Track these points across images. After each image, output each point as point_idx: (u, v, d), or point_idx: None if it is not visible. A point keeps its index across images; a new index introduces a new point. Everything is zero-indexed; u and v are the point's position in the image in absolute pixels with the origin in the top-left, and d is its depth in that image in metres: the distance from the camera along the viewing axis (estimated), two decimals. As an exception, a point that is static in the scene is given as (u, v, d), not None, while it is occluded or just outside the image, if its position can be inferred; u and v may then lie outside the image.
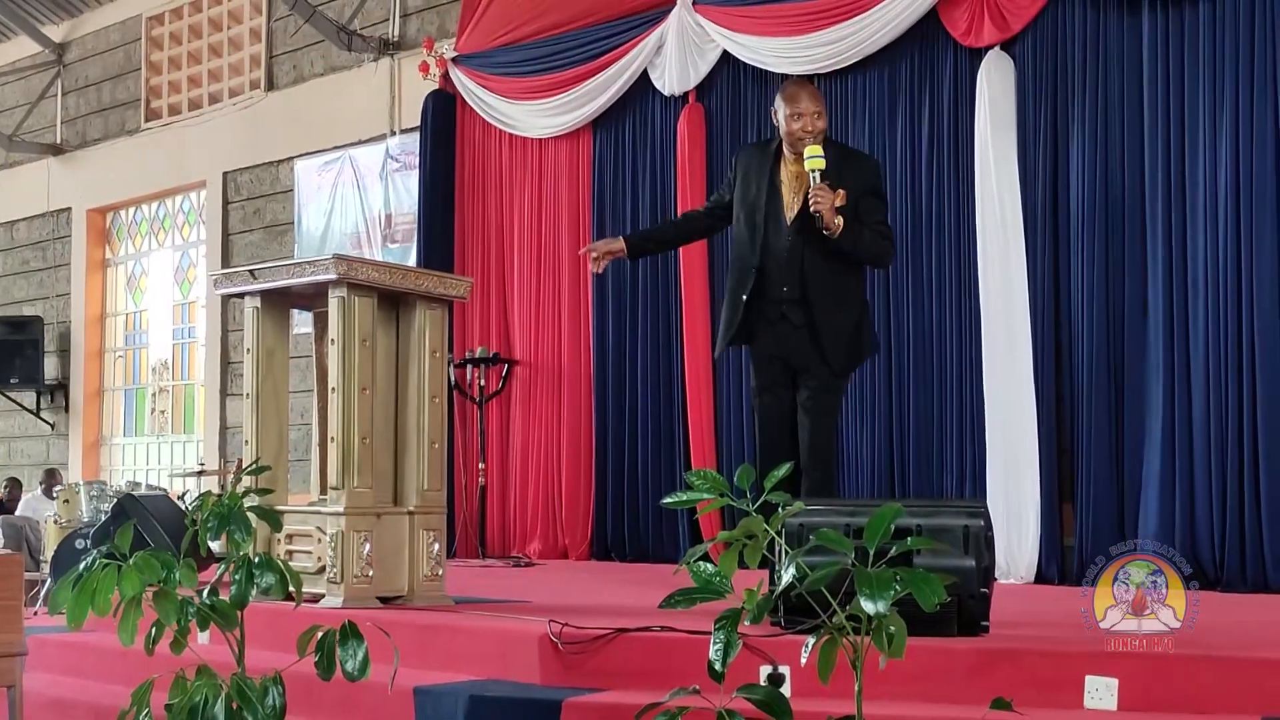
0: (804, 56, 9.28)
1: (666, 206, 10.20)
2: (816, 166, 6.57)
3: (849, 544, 3.11)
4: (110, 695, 5.49)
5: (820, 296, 6.73)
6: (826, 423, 6.88)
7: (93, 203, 16.04)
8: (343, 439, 6.19)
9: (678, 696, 3.19)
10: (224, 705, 3.93)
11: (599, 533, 10.46)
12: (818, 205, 6.55)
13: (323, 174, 13.07)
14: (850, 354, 6.91)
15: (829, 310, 6.74)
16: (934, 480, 8.68)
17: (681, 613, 3.13)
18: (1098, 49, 8.22)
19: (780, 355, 6.86)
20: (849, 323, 6.84)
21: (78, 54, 16.27)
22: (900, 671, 3.68)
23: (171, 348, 15.49)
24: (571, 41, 10.73)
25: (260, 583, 4.11)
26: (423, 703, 4.89)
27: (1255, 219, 7.57)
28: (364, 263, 6.48)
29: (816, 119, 6.76)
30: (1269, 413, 7.47)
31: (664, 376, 10.18)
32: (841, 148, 7.23)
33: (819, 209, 6.55)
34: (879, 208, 6.91)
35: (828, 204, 6.55)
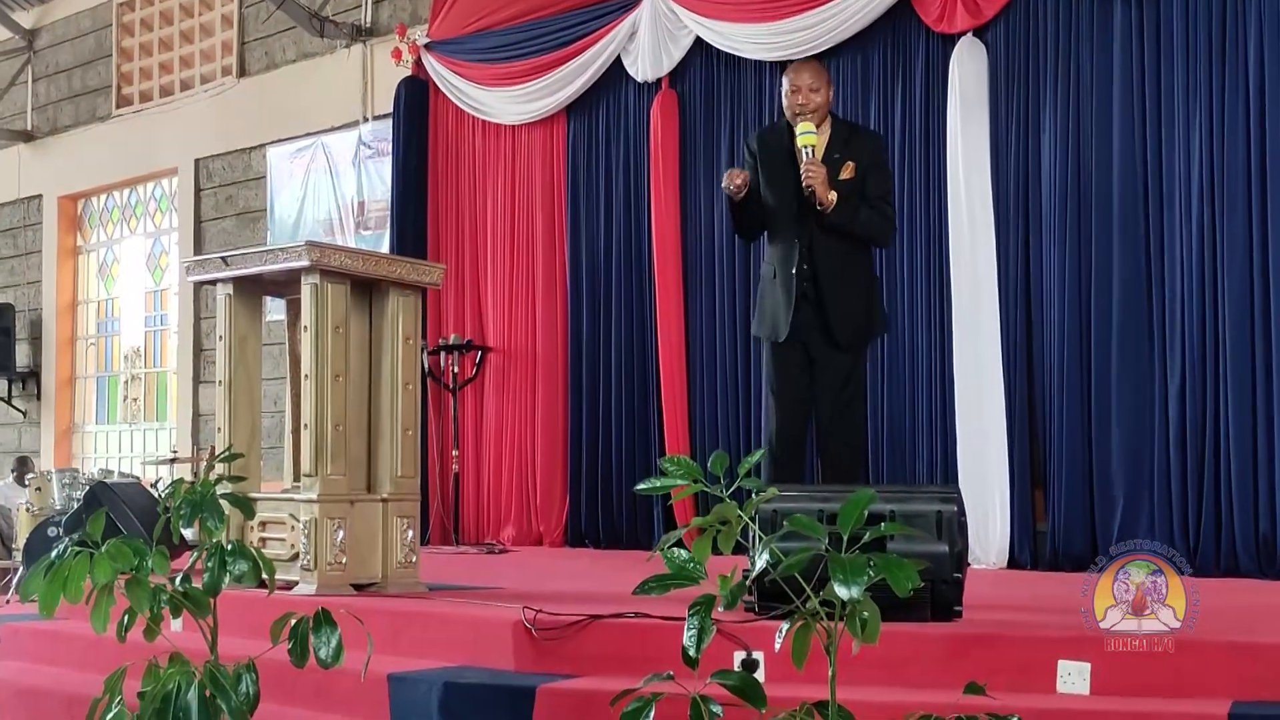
0: (777, 42, 9.28)
1: (641, 193, 10.20)
2: (807, 143, 6.58)
3: (822, 530, 3.11)
4: (83, 683, 5.47)
5: (828, 272, 6.73)
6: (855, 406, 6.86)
7: (64, 189, 15.98)
8: (316, 426, 6.17)
9: (652, 682, 3.20)
10: (197, 693, 3.93)
11: (573, 519, 10.47)
12: (809, 180, 6.55)
13: (295, 161, 13.03)
14: (860, 330, 6.85)
15: (836, 286, 6.73)
16: (906, 466, 8.70)
17: (656, 599, 3.13)
18: (1070, 35, 8.23)
19: (801, 337, 6.80)
20: (857, 299, 6.80)
21: (48, 40, 16.19)
22: (874, 656, 3.69)
23: (144, 335, 15.44)
24: (544, 28, 10.71)
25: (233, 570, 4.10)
26: (397, 690, 4.88)
27: (1227, 206, 7.59)
28: (337, 250, 6.46)
29: (812, 93, 6.71)
30: (1238, 398, 7.49)
31: (638, 362, 10.19)
32: (849, 124, 7.21)
33: (810, 184, 6.55)
34: (884, 182, 6.90)
35: (819, 179, 6.55)
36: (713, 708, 3.13)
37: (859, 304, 6.81)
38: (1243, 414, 7.49)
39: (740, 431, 9.47)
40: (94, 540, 4.02)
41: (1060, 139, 8.17)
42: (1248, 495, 7.45)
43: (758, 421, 9.10)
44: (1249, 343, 7.51)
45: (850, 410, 6.81)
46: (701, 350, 9.71)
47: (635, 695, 3.18)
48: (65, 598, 3.95)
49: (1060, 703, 4.23)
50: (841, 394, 6.75)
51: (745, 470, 3.27)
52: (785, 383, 6.82)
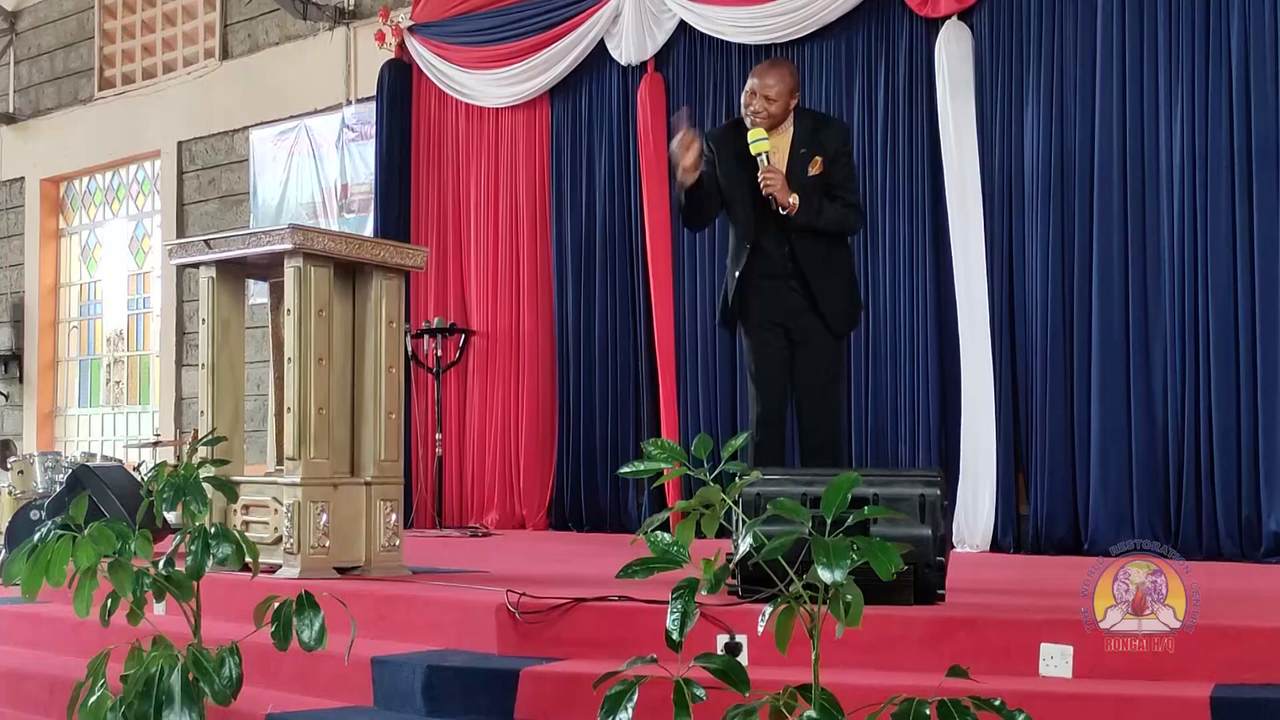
0: (761, 26, 9.28)
1: (625, 176, 10.20)
2: (759, 150, 6.59)
3: (806, 513, 3.12)
4: (66, 666, 5.47)
5: (812, 267, 6.73)
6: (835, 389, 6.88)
7: (46, 172, 15.92)
8: (299, 409, 6.17)
9: (635, 665, 3.20)
10: (180, 676, 3.93)
11: (557, 502, 10.48)
12: (767, 188, 6.57)
13: (278, 143, 13.00)
14: (848, 316, 6.89)
15: (822, 278, 6.73)
16: (890, 450, 8.71)
17: (639, 582, 3.13)
18: (1054, 18, 8.23)
19: (782, 323, 6.81)
20: (842, 284, 6.83)
21: (30, 22, 16.12)
22: (857, 640, 3.70)
23: (126, 318, 15.40)
24: (527, 11, 10.69)
25: (216, 553, 4.11)
26: (380, 673, 4.88)
27: (1210, 189, 7.60)
28: (320, 233, 6.45)
29: (768, 103, 6.69)
30: (1221, 382, 7.51)
31: (622, 346, 10.19)
32: (815, 115, 7.20)
33: (769, 192, 6.57)
34: (845, 169, 6.85)
35: (776, 185, 6.57)
36: (696, 691, 3.13)
37: (844, 289, 6.84)
38: (1225, 397, 7.50)
39: (726, 415, 9.47)
40: (77, 524, 4.03)
41: (1044, 122, 8.17)
42: (1230, 478, 7.47)
43: (743, 405, 9.10)
44: (1231, 326, 7.53)
45: (830, 395, 6.82)
46: (686, 333, 9.71)
47: (618, 678, 3.18)
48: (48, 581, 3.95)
49: (1043, 686, 4.24)
50: (822, 379, 6.77)
51: (729, 454, 3.27)
52: (766, 367, 6.83)
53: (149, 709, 3.89)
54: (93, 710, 4.05)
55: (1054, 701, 4.06)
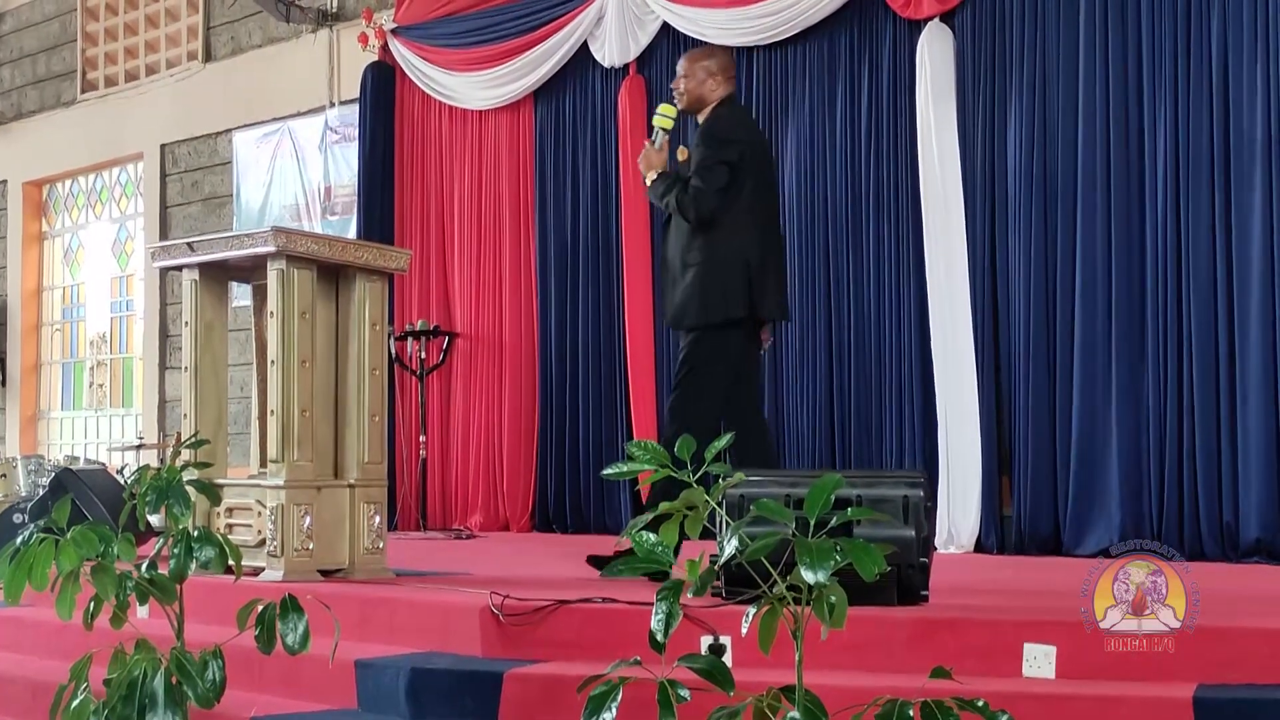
0: (743, 28, 9.29)
1: (608, 178, 10.21)
2: (656, 124, 6.70)
3: (789, 514, 3.12)
4: (48, 670, 5.45)
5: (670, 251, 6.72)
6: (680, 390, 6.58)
7: (29, 175, 15.88)
8: (282, 412, 6.16)
9: (619, 667, 3.20)
10: (164, 679, 3.93)
11: (540, 504, 10.49)
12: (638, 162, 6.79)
13: (261, 146, 12.99)
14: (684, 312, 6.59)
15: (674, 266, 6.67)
16: (874, 452, 8.72)
17: (623, 584, 3.13)
18: (1037, 20, 8.25)
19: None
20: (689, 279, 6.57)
21: (12, 25, 16.08)
22: (841, 641, 3.70)
23: (109, 321, 15.37)
24: (510, 13, 10.70)
25: (199, 556, 4.10)
26: (364, 675, 4.88)
27: (1192, 192, 7.62)
28: (303, 235, 6.45)
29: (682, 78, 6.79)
30: (1203, 385, 7.53)
31: (605, 348, 10.20)
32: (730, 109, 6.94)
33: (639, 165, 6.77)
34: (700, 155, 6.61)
35: (640, 157, 6.74)
36: (680, 692, 3.14)
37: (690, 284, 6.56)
38: (1207, 400, 7.52)
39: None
40: (59, 527, 4.02)
41: (1026, 124, 8.18)
42: (1212, 480, 7.48)
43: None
44: (1213, 329, 7.54)
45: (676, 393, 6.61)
46: (668, 336, 9.71)
47: (602, 680, 3.19)
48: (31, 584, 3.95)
49: (1026, 686, 4.25)
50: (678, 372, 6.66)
51: (712, 455, 3.28)
52: None
53: (132, 713, 3.89)
54: (75, 714, 4.04)
55: (1037, 702, 4.06)
